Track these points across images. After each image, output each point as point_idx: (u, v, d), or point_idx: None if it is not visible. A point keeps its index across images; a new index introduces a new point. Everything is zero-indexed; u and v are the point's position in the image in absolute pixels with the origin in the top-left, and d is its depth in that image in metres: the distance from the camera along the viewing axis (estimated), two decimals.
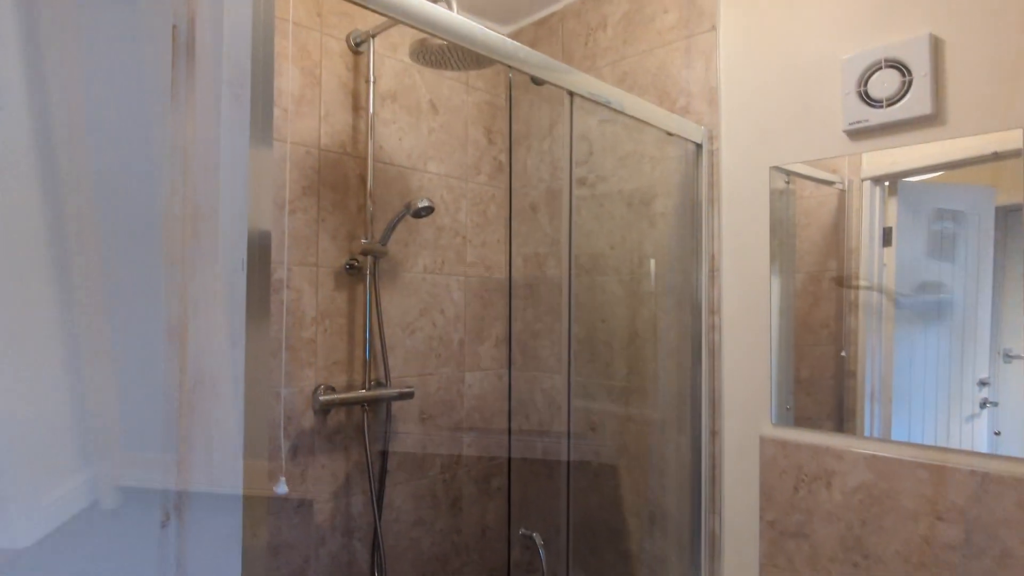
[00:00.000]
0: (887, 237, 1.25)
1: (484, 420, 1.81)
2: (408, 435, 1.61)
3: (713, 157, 1.41)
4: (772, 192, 1.34)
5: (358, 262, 1.47)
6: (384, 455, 1.53)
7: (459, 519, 1.74)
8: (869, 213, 1.26)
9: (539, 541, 1.33)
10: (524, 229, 1.82)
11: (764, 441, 1.33)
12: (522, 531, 1.51)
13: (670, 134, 1.34)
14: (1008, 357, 1.08)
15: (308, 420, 1.40)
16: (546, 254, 1.76)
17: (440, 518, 1.68)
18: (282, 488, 0.80)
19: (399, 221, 1.45)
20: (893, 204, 1.24)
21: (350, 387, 1.47)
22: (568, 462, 1.40)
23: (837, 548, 1.22)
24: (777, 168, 1.32)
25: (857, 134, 1.21)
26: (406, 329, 1.61)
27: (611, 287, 1.60)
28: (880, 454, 1.18)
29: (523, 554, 1.81)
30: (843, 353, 1.26)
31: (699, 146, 1.40)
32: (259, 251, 0.62)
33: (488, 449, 1.82)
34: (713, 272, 1.42)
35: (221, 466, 0.55)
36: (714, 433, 1.41)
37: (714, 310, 1.41)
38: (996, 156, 1.09)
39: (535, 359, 1.79)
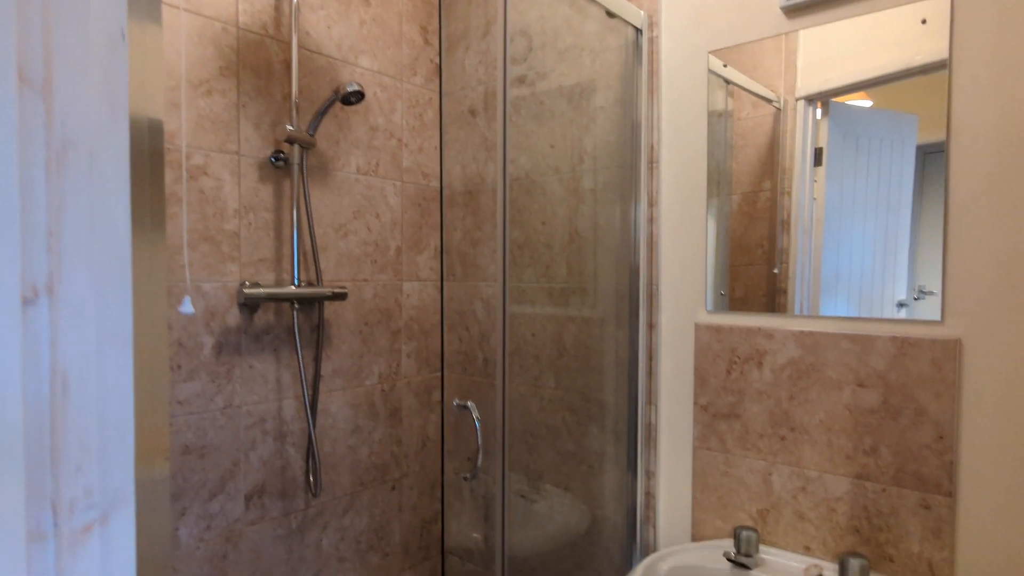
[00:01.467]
0: (818, 157, 1.26)
1: (423, 332, 1.77)
2: (343, 342, 1.56)
3: (652, 45, 1.39)
4: (710, 80, 1.33)
5: (284, 154, 1.38)
6: (317, 360, 1.48)
7: (398, 430, 1.71)
8: (802, 133, 1.27)
9: (475, 413, 1.31)
10: (463, 135, 1.76)
11: (699, 328, 1.35)
12: (456, 402, 1.49)
13: (611, 14, 1.31)
14: (922, 293, 1.11)
15: (233, 317, 1.33)
16: (485, 159, 1.72)
17: (379, 428, 1.65)
18: (187, 307, 0.73)
19: (328, 107, 1.37)
20: (824, 125, 1.25)
21: (279, 285, 1.40)
22: (504, 368, 1.39)
23: (766, 424, 1.26)
24: (716, 53, 1.31)
25: (793, 10, 1.21)
26: (339, 231, 1.54)
27: (551, 187, 1.58)
28: (808, 329, 1.21)
29: (460, 466, 1.80)
30: (775, 270, 1.28)
31: (639, 32, 1.37)
32: (149, 140, 0.55)
33: (428, 362, 1.79)
34: (652, 164, 1.41)
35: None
36: (651, 325, 1.42)
37: (653, 202, 1.41)
38: (923, 70, 1.11)
39: (475, 268, 1.76)
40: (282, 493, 1.43)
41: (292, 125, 1.36)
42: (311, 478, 1.46)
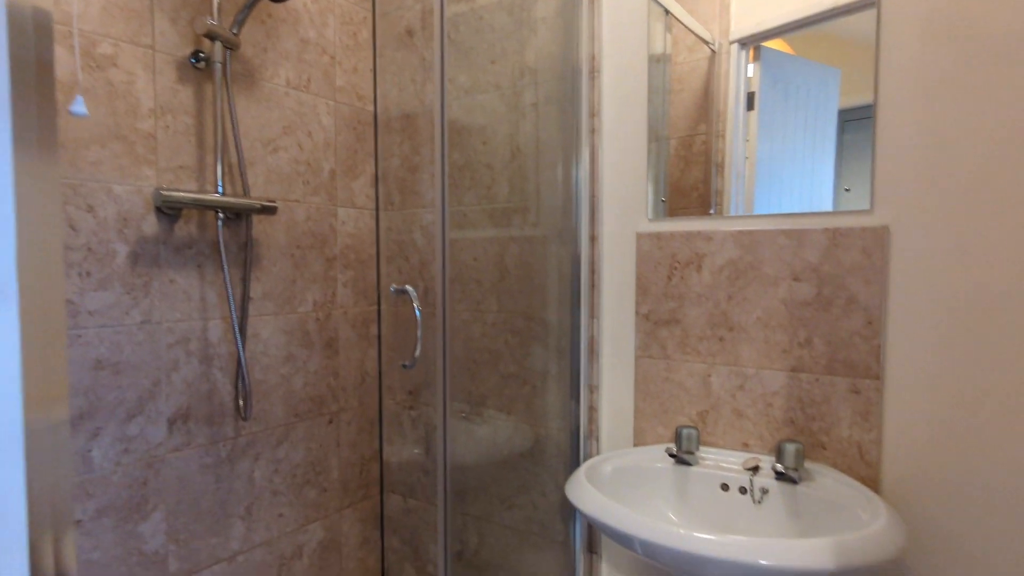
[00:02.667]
0: (751, 102, 1.28)
1: (360, 261, 1.71)
2: (274, 264, 1.48)
3: None
4: (650, 7, 1.32)
5: (205, 53, 1.29)
6: (246, 281, 1.39)
7: (335, 362, 1.64)
8: (736, 77, 1.28)
9: (413, 294, 1.27)
10: (400, 56, 1.70)
11: (641, 237, 1.35)
12: (394, 287, 1.44)
13: None
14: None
15: (150, 225, 1.23)
16: (424, 81, 1.66)
17: (314, 358, 1.58)
18: (79, 107, 0.65)
19: (254, 3, 1.28)
20: (756, 70, 1.26)
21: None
22: (443, 293, 1.35)
23: (705, 327, 1.28)
24: None
25: None
26: (267, 145, 1.45)
27: (492, 105, 1.54)
28: (746, 228, 1.23)
29: (403, 401, 1.76)
30: (711, 212, 1.30)
31: None
32: (36, 37, 0.48)
33: (366, 293, 1.73)
34: (593, 73, 1.39)
35: None
36: (593, 239, 1.41)
37: (594, 112, 1.39)
38: (847, 10, 1.13)
39: (414, 195, 1.70)
40: (209, 419, 1.35)
41: (213, 19, 1.27)
42: (241, 403, 1.38)
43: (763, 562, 0.85)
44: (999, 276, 1.01)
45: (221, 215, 1.31)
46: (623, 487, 1.22)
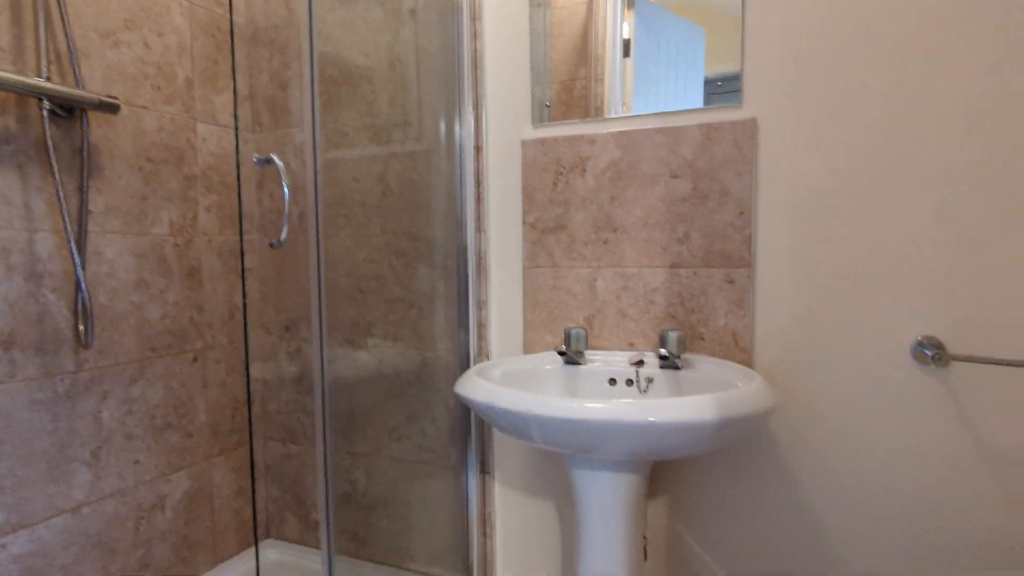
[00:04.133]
0: (627, 49, 1.29)
1: (226, 186, 1.56)
2: (119, 176, 1.30)
3: None
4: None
5: None
6: (84, 191, 1.21)
7: (199, 294, 1.49)
8: (612, 24, 1.29)
9: (281, 167, 1.16)
10: None
11: (526, 144, 1.33)
12: (256, 157, 1.32)
13: None
14: None
15: None
16: None
17: (173, 287, 1.42)
18: None
19: None
20: (632, 17, 1.28)
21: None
22: (317, 220, 1.25)
23: (590, 230, 1.29)
24: None
25: None
26: (106, 37, 1.27)
27: (374, 14, 1.45)
28: (627, 129, 1.24)
29: (279, 339, 1.63)
30: None
31: None
32: None
33: (235, 221, 1.58)
34: None
35: None
36: (478, 149, 1.38)
37: (476, 16, 1.35)
38: None
39: (286, 114, 1.58)
40: (39, 347, 1.16)
41: None
42: (81, 328, 1.21)
43: (651, 419, 0.86)
44: (851, 164, 1.10)
45: (47, 107, 1.12)
46: (514, 386, 1.20)
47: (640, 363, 1.18)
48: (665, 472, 1.28)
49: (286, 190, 1.05)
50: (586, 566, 1.08)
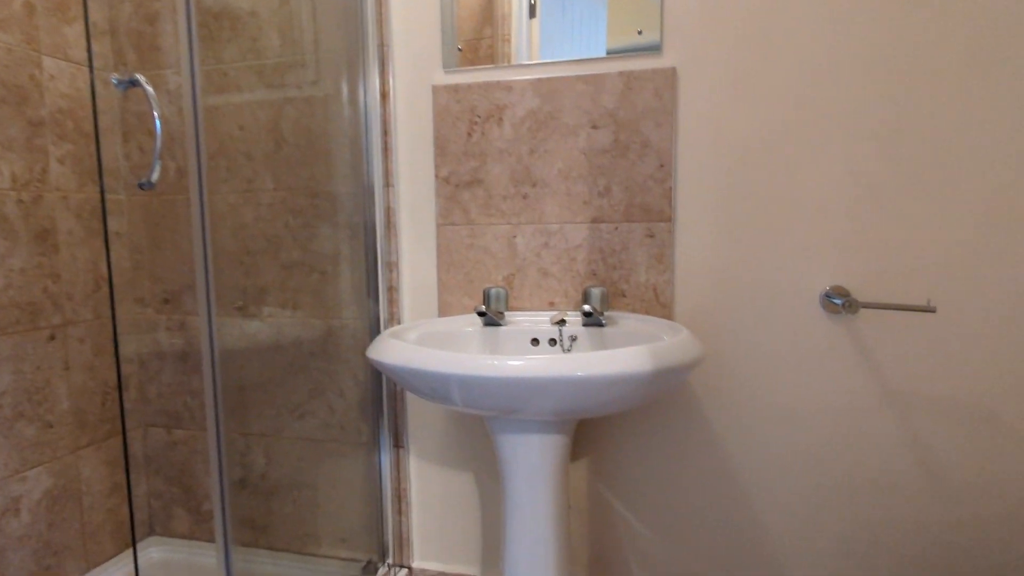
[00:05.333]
0: (532, 10, 1.21)
1: (84, 134, 1.33)
2: None
3: None
4: None
5: None
6: None
7: (54, 260, 1.27)
8: None
9: (150, 92, 0.98)
10: None
11: (437, 90, 1.23)
12: (115, 78, 1.14)
13: None
14: None
15: None
16: None
17: (19, 252, 1.20)
18: None
19: None
20: None
21: None
22: (200, 174, 1.09)
23: (508, 184, 1.21)
24: None
25: None
26: None
27: None
28: (546, 76, 1.18)
29: (157, 311, 1.44)
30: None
31: None
32: None
33: (95, 176, 1.36)
34: None
35: None
36: (384, 95, 1.26)
37: None
38: None
39: (155, 52, 1.37)
40: None
41: None
42: None
43: (586, 373, 0.81)
44: (768, 117, 1.10)
45: None
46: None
47: (562, 322, 1.13)
48: (585, 433, 1.25)
49: (157, 120, 0.89)
50: (513, 533, 1.03)
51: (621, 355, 0.82)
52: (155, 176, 0.92)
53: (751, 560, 1.19)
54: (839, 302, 1.06)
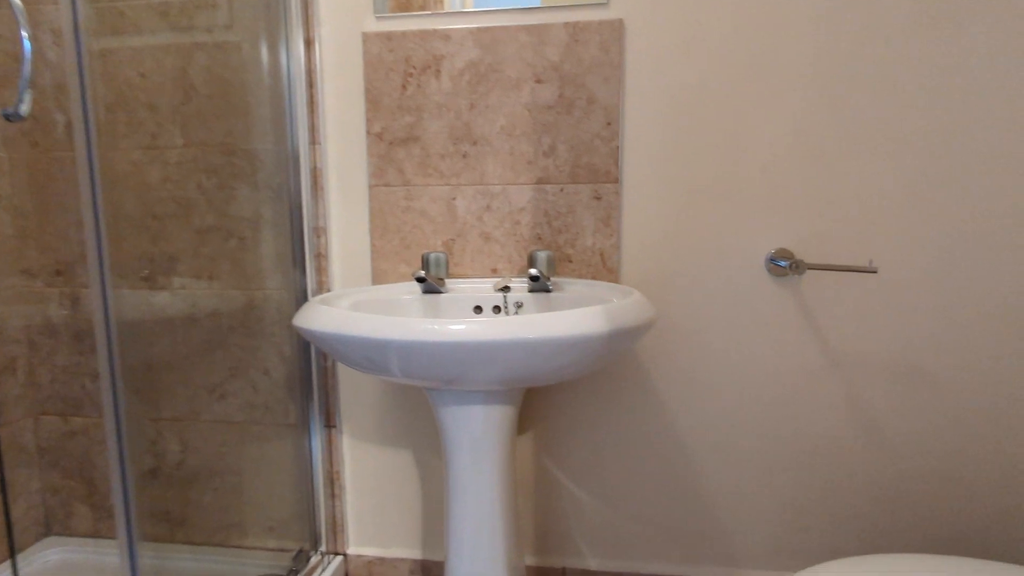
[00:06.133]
0: None
1: None
2: None
3: None
4: None
5: None
6: None
7: None
8: None
9: (17, 7, 0.83)
10: None
11: (368, 37, 1.12)
12: None
13: None
14: None
15: None
16: None
17: None
18: None
19: None
20: None
21: None
22: (87, 126, 0.94)
23: (447, 142, 1.13)
24: None
25: None
26: None
27: None
28: (487, 25, 1.10)
29: (50, 282, 1.27)
30: None
31: None
32: None
33: None
34: None
35: None
36: (309, 43, 1.14)
37: None
38: None
39: None
40: None
41: None
42: None
43: (538, 335, 0.75)
44: (716, 74, 1.06)
45: None
46: None
47: (507, 288, 1.07)
48: (530, 405, 1.20)
49: (25, 40, 0.74)
50: (457, 512, 0.97)
51: (575, 316, 0.77)
52: (24, 108, 0.78)
53: (699, 525, 1.18)
54: (784, 264, 1.05)
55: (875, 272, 1.01)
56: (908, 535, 1.13)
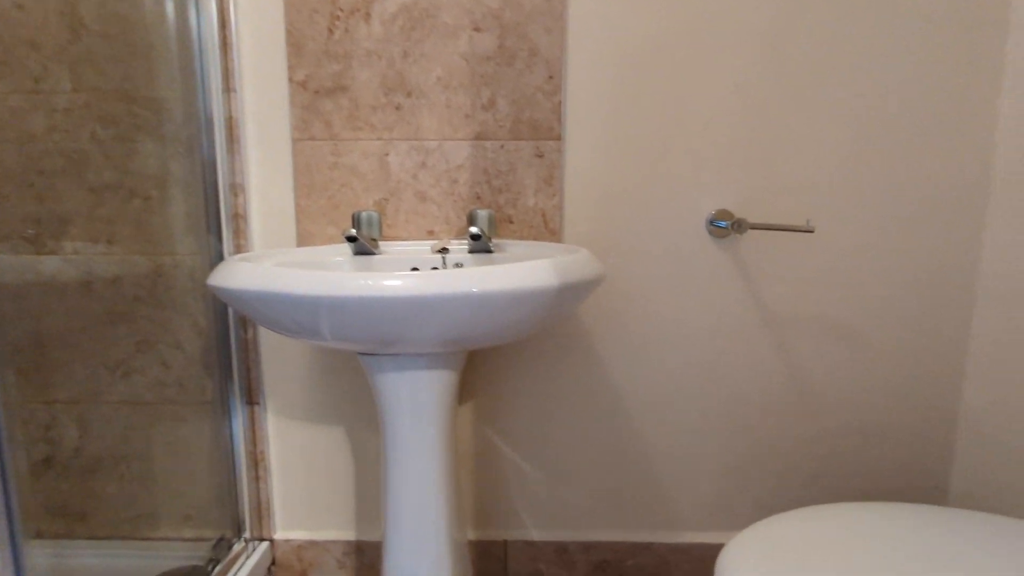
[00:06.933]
0: None
1: None
2: None
3: None
4: None
5: None
6: None
7: None
8: None
9: None
10: None
11: None
12: None
13: None
14: None
15: None
16: None
17: None
18: None
19: None
20: None
21: None
22: None
23: (379, 92, 1.05)
24: None
25: None
26: None
27: None
28: None
29: None
30: None
31: None
32: None
33: None
34: None
35: None
36: None
37: None
38: None
39: None
40: None
41: None
42: None
43: (484, 288, 0.70)
44: (660, 27, 1.03)
45: None
46: None
47: (445, 250, 1.01)
48: (470, 373, 1.15)
49: None
50: (396, 487, 0.91)
51: (523, 268, 0.72)
52: None
53: (641, 490, 1.18)
54: (724, 225, 1.04)
55: (812, 232, 1.02)
56: (839, 488, 1.17)
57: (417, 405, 0.89)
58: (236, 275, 0.75)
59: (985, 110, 1.04)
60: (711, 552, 1.17)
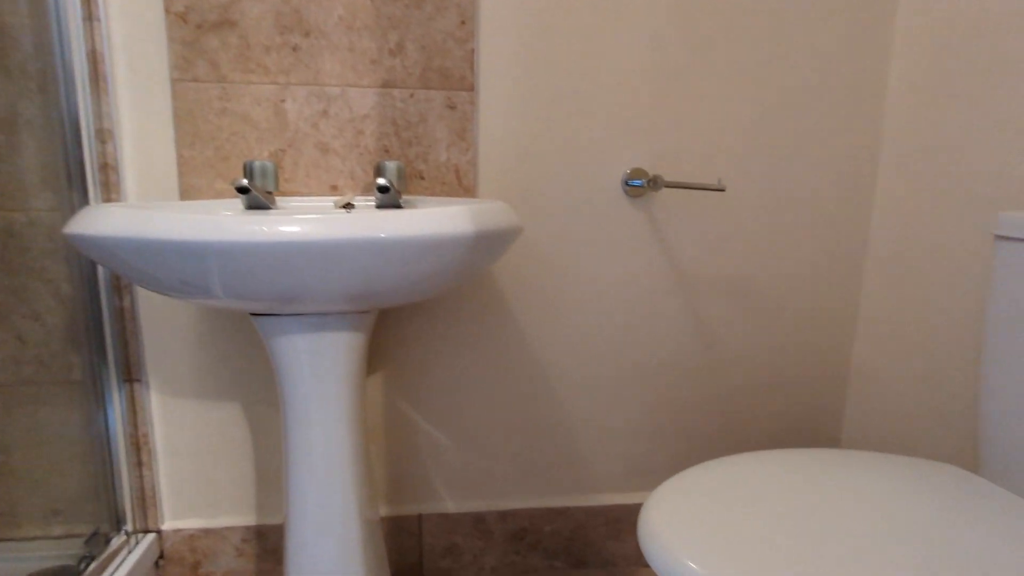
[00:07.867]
0: None
1: None
2: None
3: None
4: None
5: None
6: None
7: None
8: None
9: None
10: None
11: None
12: None
13: None
14: None
15: None
16: None
17: None
18: None
19: None
20: None
21: None
22: None
23: (273, 31, 0.95)
24: None
25: None
26: None
27: None
28: None
29: None
30: None
31: None
32: None
33: None
34: None
35: None
36: None
37: None
38: None
39: None
40: None
41: None
42: None
43: (396, 233, 0.63)
44: None
45: None
46: None
47: (350, 206, 0.94)
48: (380, 340, 1.08)
49: None
50: (300, 465, 0.83)
51: (436, 214, 0.67)
52: None
53: (557, 455, 1.16)
54: (640, 184, 1.04)
55: (723, 191, 1.03)
56: (746, 441, 1.21)
57: (321, 372, 0.81)
58: (101, 220, 0.64)
59: (876, 80, 1.09)
60: (625, 512, 1.18)
